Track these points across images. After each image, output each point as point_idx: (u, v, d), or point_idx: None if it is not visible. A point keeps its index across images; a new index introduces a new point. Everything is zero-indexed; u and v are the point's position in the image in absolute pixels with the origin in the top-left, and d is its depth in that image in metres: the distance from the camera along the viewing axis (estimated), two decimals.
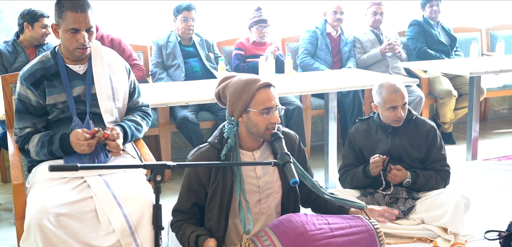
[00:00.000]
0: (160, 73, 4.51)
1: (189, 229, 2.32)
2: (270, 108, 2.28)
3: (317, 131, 5.37)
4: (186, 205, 2.39)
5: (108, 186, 2.37)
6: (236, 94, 2.30)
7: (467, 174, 3.94)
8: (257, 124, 2.29)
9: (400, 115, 2.96)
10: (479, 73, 4.26)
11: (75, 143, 2.41)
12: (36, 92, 2.49)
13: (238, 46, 4.80)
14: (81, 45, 2.46)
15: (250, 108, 2.29)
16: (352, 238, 2.27)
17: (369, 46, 5.16)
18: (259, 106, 2.28)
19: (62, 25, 2.45)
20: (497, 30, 5.99)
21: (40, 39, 4.10)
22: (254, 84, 2.29)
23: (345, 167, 3.17)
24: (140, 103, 2.78)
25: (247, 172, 2.38)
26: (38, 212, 2.21)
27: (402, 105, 2.96)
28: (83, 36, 2.45)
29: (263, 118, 2.28)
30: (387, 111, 2.99)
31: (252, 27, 4.76)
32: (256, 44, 4.79)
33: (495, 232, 2.89)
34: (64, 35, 2.47)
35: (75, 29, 2.44)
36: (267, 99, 2.28)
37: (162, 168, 1.84)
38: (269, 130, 2.31)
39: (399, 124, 3.02)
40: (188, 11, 4.49)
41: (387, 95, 2.96)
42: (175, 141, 4.92)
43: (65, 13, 2.43)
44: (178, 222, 2.39)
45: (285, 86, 3.83)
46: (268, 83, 2.32)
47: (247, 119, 2.31)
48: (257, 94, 2.28)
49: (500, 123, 5.93)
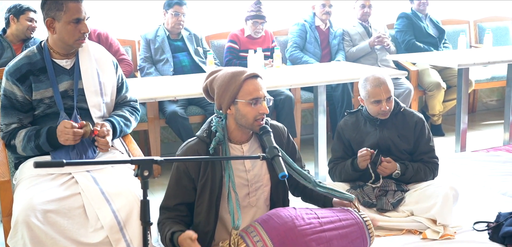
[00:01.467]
0: (148, 68, 4.48)
1: (167, 227, 2.30)
2: (257, 98, 2.29)
3: (307, 125, 5.37)
4: (172, 201, 2.38)
5: (96, 182, 2.36)
6: (224, 86, 2.30)
7: (456, 166, 3.96)
8: (245, 115, 2.29)
9: (385, 109, 2.97)
10: (468, 65, 4.27)
11: (61, 131, 2.38)
12: (22, 87, 2.47)
13: (232, 38, 4.73)
14: (83, 35, 2.48)
15: (238, 99, 2.29)
16: (342, 232, 2.27)
17: (358, 39, 5.16)
18: (246, 97, 2.28)
19: (63, 17, 2.44)
20: (485, 22, 6.02)
21: (26, 32, 4.10)
22: (241, 75, 2.29)
23: (335, 160, 3.17)
24: (128, 98, 2.77)
25: (236, 165, 2.38)
26: (25, 209, 2.19)
27: (386, 99, 2.96)
28: (85, 25, 2.48)
29: (251, 109, 2.28)
30: (372, 105, 3.00)
31: (248, 20, 4.72)
32: (251, 38, 4.75)
33: (483, 223, 2.91)
34: (65, 28, 2.45)
35: (78, 19, 2.45)
36: (254, 89, 2.29)
37: (149, 163, 1.84)
38: (257, 121, 2.30)
39: (385, 117, 3.02)
40: (179, 6, 4.47)
41: (371, 89, 2.97)
42: (165, 136, 4.90)
43: (66, 5, 2.43)
44: (162, 221, 2.36)
45: (274, 79, 3.82)
46: (255, 73, 2.33)
47: (236, 110, 2.31)
48: (244, 85, 2.28)
49: (489, 114, 5.97)
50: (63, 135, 2.39)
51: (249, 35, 4.75)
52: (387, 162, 2.98)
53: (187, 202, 2.38)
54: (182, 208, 2.38)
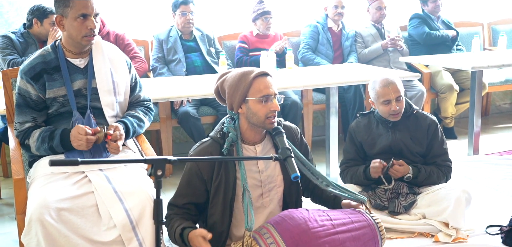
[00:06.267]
0: (161, 68, 4.50)
1: (177, 222, 2.31)
2: (268, 95, 2.30)
3: (318, 126, 5.36)
4: (182, 200, 2.38)
5: (109, 181, 2.37)
6: (234, 86, 2.32)
7: (468, 169, 3.93)
8: (256, 113, 2.30)
9: (395, 108, 2.95)
10: (481, 67, 4.25)
11: (74, 136, 2.40)
12: (36, 86, 2.49)
13: (242, 39, 4.80)
14: (90, 31, 2.48)
15: (249, 97, 2.30)
16: (354, 234, 2.26)
17: (371, 41, 5.15)
18: (257, 94, 2.29)
19: (70, 13, 2.45)
20: (499, 24, 5.97)
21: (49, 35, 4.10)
22: (251, 73, 2.31)
23: (346, 162, 3.16)
24: (142, 97, 2.78)
25: (249, 166, 2.38)
26: (39, 206, 2.20)
27: (396, 98, 2.95)
28: (92, 21, 2.47)
29: (262, 106, 2.29)
30: (382, 106, 2.99)
31: (257, 19, 4.76)
32: (260, 37, 4.79)
33: (496, 227, 2.89)
34: (72, 24, 2.46)
35: (84, 15, 2.45)
36: (265, 86, 2.30)
37: (162, 162, 1.84)
38: (269, 118, 2.31)
39: (397, 118, 3.01)
40: (185, 5, 4.49)
41: (380, 90, 2.96)
42: (176, 136, 4.92)
43: (73, 1, 2.44)
44: (170, 216, 2.37)
45: (286, 80, 3.82)
46: (265, 72, 2.34)
47: (247, 109, 2.31)
48: (254, 83, 2.30)
49: (502, 118, 5.92)
50: (76, 141, 2.40)
51: (257, 34, 4.80)
52: (399, 165, 2.97)
53: (196, 203, 2.39)
54: (191, 207, 2.39)
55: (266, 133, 2.43)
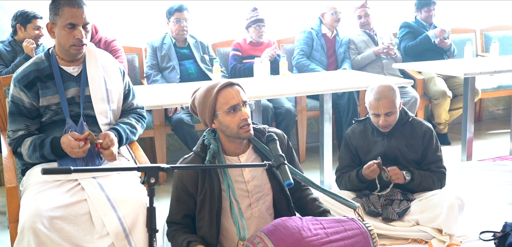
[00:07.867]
0: (155, 75, 4.50)
1: (181, 237, 2.32)
2: (235, 105, 2.30)
3: (313, 133, 5.37)
4: (177, 216, 2.40)
5: (102, 189, 2.36)
6: (202, 103, 2.35)
7: (462, 175, 3.94)
8: (228, 125, 2.31)
9: (383, 123, 2.96)
10: (474, 74, 4.27)
11: (69, 150, 2.40)
12: (29, 93, 2.48)
13: (235, 47, 4.80)
14: (78, 41, 2.46)
15: (217, 111, 2.32)
16: (347, 242, 2.26)
17: (363, 47, 5.17)
18: (224, 107, 2.30)
19: (59, 21, 2.44)
20: (492, 31, 6.00)
21: (33, 40, 4.07)
22: (214, 88, 2.33)
23: (342, 169, 3.16)
24: (135, 105, 2.77)
25: (235, 177, 2.38)
26: (32, 215, 2.20)
27: (384, 114, 2.95)
28: (80, 31, 2.45)
29: (232, 117, 2.30)
30: (372, 116, 3.01)
31: (250, 27, 4.77)
32: (253, 45, 4.80)
33: (490, 233, 2.89)
34: (60, 32, 2.46)
35: (72, 24, 2.44)
36: (231, 97, 2.31)
37: (155, 170, 1.84)
38: (243, 128, 2.31)
39: (386, 130, 3.02)
40: (179, 12, 4.49)
41: (372, 102, 2.98)
42: (171, 143, 4.91)
43: (62, 9, 2.43)
44: (172, 232, 2.39)
45: (280, 87, 3.82)
46: (229, 82, 2.35)
47: (219, 123, 2.33)
48: (219, 97, 2.31)
49: (495, 123, 5.95)
50: (74, 154, 2.39)
51: (251, 42, 4.80)
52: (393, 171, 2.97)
53: (192, 215, 2.41)
54: (189, 220, 2.41)
55: (249, 143, 2.43)
